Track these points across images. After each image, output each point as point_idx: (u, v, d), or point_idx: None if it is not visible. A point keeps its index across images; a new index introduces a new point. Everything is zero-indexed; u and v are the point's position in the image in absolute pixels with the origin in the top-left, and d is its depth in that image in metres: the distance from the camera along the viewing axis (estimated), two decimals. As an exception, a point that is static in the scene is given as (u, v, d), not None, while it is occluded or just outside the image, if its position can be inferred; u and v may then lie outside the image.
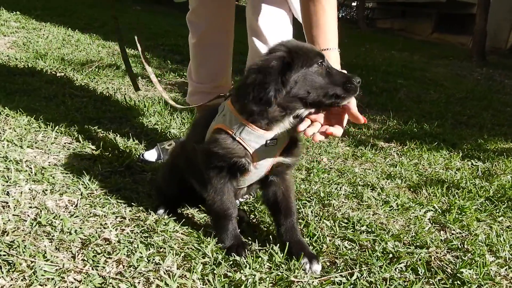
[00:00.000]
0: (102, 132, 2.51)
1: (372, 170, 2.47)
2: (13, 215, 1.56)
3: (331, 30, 1.71)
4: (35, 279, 1.24)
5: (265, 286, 1.36)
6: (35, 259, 1.32)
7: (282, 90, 1.39)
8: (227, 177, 1.54)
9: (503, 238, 1.81)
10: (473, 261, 1.60)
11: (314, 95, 1.43)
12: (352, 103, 1.53)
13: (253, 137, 1.47)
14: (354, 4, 23.97)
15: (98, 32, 5.86)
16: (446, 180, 2.40)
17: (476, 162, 2.78)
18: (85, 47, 4.95)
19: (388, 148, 2.93)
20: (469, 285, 1.47)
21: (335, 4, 1.76)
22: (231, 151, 1.49)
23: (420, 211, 2.00)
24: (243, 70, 1.98)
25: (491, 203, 2.16)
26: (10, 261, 1.29)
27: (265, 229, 1.69)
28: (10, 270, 1.26)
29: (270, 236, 1.64)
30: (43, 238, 1.44)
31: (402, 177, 2.39)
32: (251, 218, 1.78)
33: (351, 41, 10.71)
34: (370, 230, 1.77)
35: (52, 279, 1.26)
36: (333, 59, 1.62)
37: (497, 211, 2.09)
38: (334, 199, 2.01)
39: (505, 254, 1.68)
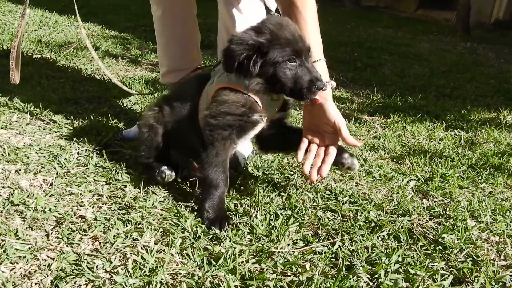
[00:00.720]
0: (80, 112, 2.45)
1: (356, 143, 2.45)
2: (-15, 195, 1.52)
3: (315, 41, 1.69)
4: (6, 257, 1.20)
5: (245, 258, 1.34)
6: (5, 237, 1.28)
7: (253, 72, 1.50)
8: (232, 137, 1.58)
9: (485, 203, 1.81)
10: (455, 227, 1.60)
11: (279, 86, 1.52)
12: (342, 127, 1.59)
13: None
14: (339, -18, 23.73)
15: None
16: (429, 150, 2.39)
17: (459, 132, 2.77)
18: (63, 29, 4.82)
19: (371, 121, 2.91)
20: (450, 249, 1.47)
21: (315, 12, 1.73)
22: (247, 106, 1.56)
23: (403, 180, 1.99)
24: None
25: (473, 170, 2.16)
26: (-20, 241, 1.25)
27: (247, 201, 1.66)
28: (-21, 250, 1.22)
29: (252, 209, 1.61)
30: (14, 217, 1.40)
31: (385, 149, 2.37)
32: (232, 192, 1.74)
33: (336, 19, 10.63)
34: (352, 200, 1.76)
35: (24, 257, 1.23)
36: (320, 71, 1.61)
37: (479, 178, 2.08)
38: (317, 171, 1.98)
39: (487, 219, 1.68)
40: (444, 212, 1.73)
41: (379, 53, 5.68)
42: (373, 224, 1.60)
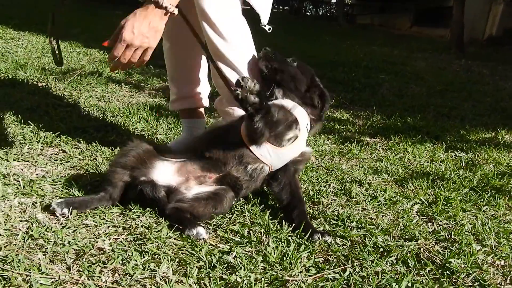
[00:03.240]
0: (89, 141, 2.50)
1: (359, 166, 2.51)
2: (4, 229, 1.55)
3: None
4: (32, 293, 1.24)
5: (260, 287, 1.38)
6: (30, 272, 1.32)
7: None
8: None
9: (488, 226, 1.87)
10: (461, 251, 1.65)
11: None
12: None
13: None
14: (333, 1, 24.17)
15: (78, 39, 5.81)
16: (431, 173, 2.45)
17: (459, 153, 2.84)
18: (65, 55, 4.90)
19: (373, 143, 2.97)
20: (458, 274, 1.52)
21: None
22: None
23: (407, 204, 2.05)
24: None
25: (475, 193, 2.22)
26: (5, 276, 1.29)
27: (258, 229, 1.71)
28: (6, 285, 1.26)
29: (264, 237, 1.66)
30: (36, 251, 1.44)
31: (388, 172, 2.43)
32: (243, 219, 1.79)
33: (332, 38, 10.83)
34: (360, 225, 1.81)
35: (48, 292, 1.27)
36: None
37: (481, 200, 2.14)
38: (323, 197, 2.04)
39: (491, 242, 1.74)
40: (449, 236, 1.78)
41: (377, 73, 5.80)
42: (381, 249, 1.65)
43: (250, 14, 2.11)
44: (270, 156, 1.82)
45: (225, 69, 2.01)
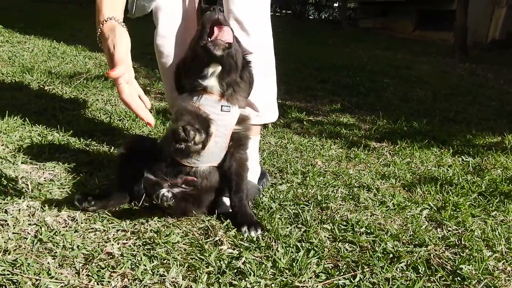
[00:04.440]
0: (96, 144, 2.50)
1: (367, 171, 2.50)
2: (13, 233, 1.55)
3: None
4: (42, 298, 1.24)
5: (270, 293, 1.37)
6: (39, 277, 1.32)
7: None
8: None
9: (498, 232, 1.86)
10: (471, 257, 1.64)
11: None
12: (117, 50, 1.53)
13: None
14: (336, 5, 24.21)
15: (84, 43, 5.82)
16: (439, 178, 2.44)
17: (467, 158, 2.83)
18: (71, 59, 4.92)
19: (380, 148, 2.97)
20: (469, 280, 1.50)
21: None
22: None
23: (416, 209, 2.04)
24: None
25: (484, 198, 2.21)
26: (15, 280, 1.29)
27: (267, 234, 1.70)
28: (16, 290, 1.26)
29: (273, 243, 1.65)
30: (45, 255, 1.44)
31: (396, 177, 2.42)
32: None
33: (335, 42, 10.83)
34: (369, 231, 1.80)
35: (58, 296, 1.26)
36: None
37: (490, 205, 2.13)
38: (332, 202, 2.03)
39: (501, 248, 1.72)
40: (459, 242, 1.77)
41: (381, 77, 5.79)
42: (391, 255, 1.64)
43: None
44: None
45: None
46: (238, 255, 1.56)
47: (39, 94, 3.38)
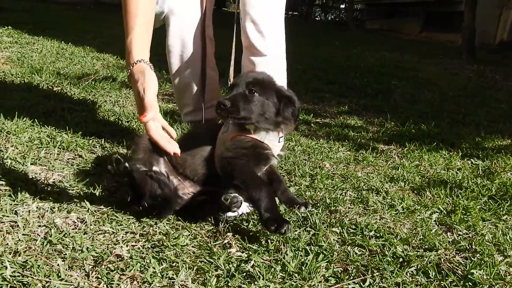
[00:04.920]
0: (104, 146, 2.51)
1: (375, 174, 2.49)
2: (23, 234, 1.56)
3: None
4: (52, 300, 1.24)
5: (280, 297, 1.37)
6: (49, 278, 1.32)
7: None
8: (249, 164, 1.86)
9: (509, 236, 1.84)
10: (483, 262, 1.62)
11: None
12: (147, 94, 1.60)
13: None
14: (342, 6, 24.17)
15: (92, 45, 5.86)
16: (448, 181, 2.42)
17: (476, 161, 2.81)
18: (79, 60, 4.94)
19: (388, 150, 2.95)
20: (480, 286, 1.49)
21: None
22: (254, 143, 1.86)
23: (425, 213, 2.02)
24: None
25: (494, 202, 2.19)
26: (25, 282, 1.29)
27: (275, 238, 1.70)
28: (26, 292, 1.26)
29: (281, 246, 1.65)
30: (55, 257, 1.44)
31: (405, 180, 2.41)
32: (259, 228, 1.78)
33: (342, 44, 10.81)
34: (378, 235, 1.79)
35: (68, 299, 1.26)
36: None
37: (501, 209, 2.11)
38: (340, 205, 2.02)
39: (513, 253, 1.71)
40: (470, 246, 1.75)
41: (388, 78, 5.77)
42: (401, 259, 1.63)
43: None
44: None
45: (259, 64, 2.11)
46: (247, 258, 1.56)
47: (47, 95, 3.39)
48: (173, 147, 1.63)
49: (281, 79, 2.20)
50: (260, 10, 2.07)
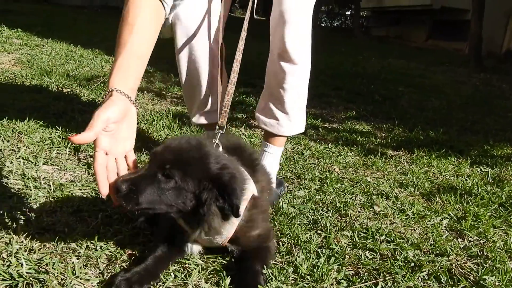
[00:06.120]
0: (115, 147, 2.52)
1: (385, 179, 2.49)
2: (37, 233, 1.57)
3: None
4: (68, 297, 1.25)
5: (293, 298, 1.37)
6: (65, 276, 1.33)
7: None
8: None
9: (521, 244, 1.84)
10: (494, 268, 1.62)
11: None
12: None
13: None
14: (348, 13, 24.25)
15: (100, 47, 5.90)
16: (458, 187, 2.42)
17: (485, 168, 2.81)
18: (88, 63, 4.98)
19: (397, 156, 2.95)
20: (493, 291, 1.49)
21: None
22: None
23: (436, 219, 2.02)
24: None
25: (504, 209, 2.18)
26: (41, 279, 1.30)
27: (287, 240, 1.70)
28: (42, 288, 1.27)
29: (293, 248, 1.65)
30: (70, 255, 1.45)
31: (414, 185, 2.41)
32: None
33: (348, 50, 10.83)
34: (389, 239, 1.79)
35: (84, 296, 1.27)
36: None
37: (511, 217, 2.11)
38: (351, 209, 2.03)
39: (525, 260, 1.70)
40: (481, 252, 1.75)
41: (395, 85, 5.79)
42: (412, 264, 1.63)
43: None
44: None
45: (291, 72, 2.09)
46: (259, 260, 1.56)
47: (58, 96, 3.42)
48: (105, 188, 1.35)
49: (305, 93, 2.19)
50: (298, 13, 2.00)
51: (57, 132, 2.58)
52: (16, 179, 1.94)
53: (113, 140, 1.43)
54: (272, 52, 2.11)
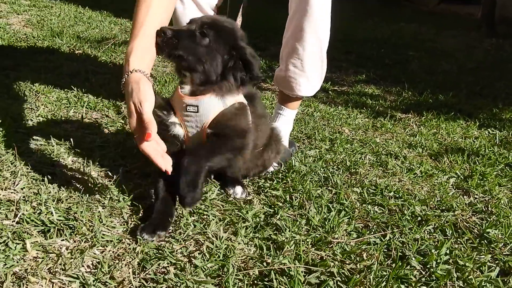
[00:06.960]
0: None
1: (393, 140, 2.54)
2: (63, 185, 1.65)
3: None
4: (97, 241, 1.34)
5: (306, 247, 1.45)
6: (93, 223, 1.41)
7: None
8: None
9: (525, 201, 1.90)
10: (498, 222, 1.70)
11: None
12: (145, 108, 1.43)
13: None
14: (358, -25, 23.57)
15: (108, 9, 5.85)
16: (465, 148, 2.47)
17: (493, 131, 2.85)
18: (97, 25, 4.96)
19: (406, 118, 2.99)
20: (495, 243, 1.57)
21: None
22: None
23: (443, 177, 2.09)
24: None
25: (510, 169, 2.24)
26: (71, 225, 1.39)
27: (299, 195, 1.78)
28: (73, 233, 1.36)
29: (305, 202, 1.73)
30: (96, 205, 1.54)
31: (423, 146, 2.46)
32: (285, 185, 1.86)
33: (358, 15, 10.61)
34: (397, 195, 1.86)
35: (111, 241, 1.36)
36: None
37: (517, 176, 2.17)
38: (360, 168, 2.09)
39: (528, 216, 1.77)
40: (486, 208, 1.82)
41: (405, 50, 5.73)
42: (419, 218, 1.71)
43: None
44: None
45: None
46: (273, 213, 1.64)
47: (70, 57, 3.45)
48: (165, 163, 1.44)
49: (324, 51, 2.24)
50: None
51: (72, 92, 2.64)
52: (38, 136, 2.00)
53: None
54: (293, 10, 2.11)
